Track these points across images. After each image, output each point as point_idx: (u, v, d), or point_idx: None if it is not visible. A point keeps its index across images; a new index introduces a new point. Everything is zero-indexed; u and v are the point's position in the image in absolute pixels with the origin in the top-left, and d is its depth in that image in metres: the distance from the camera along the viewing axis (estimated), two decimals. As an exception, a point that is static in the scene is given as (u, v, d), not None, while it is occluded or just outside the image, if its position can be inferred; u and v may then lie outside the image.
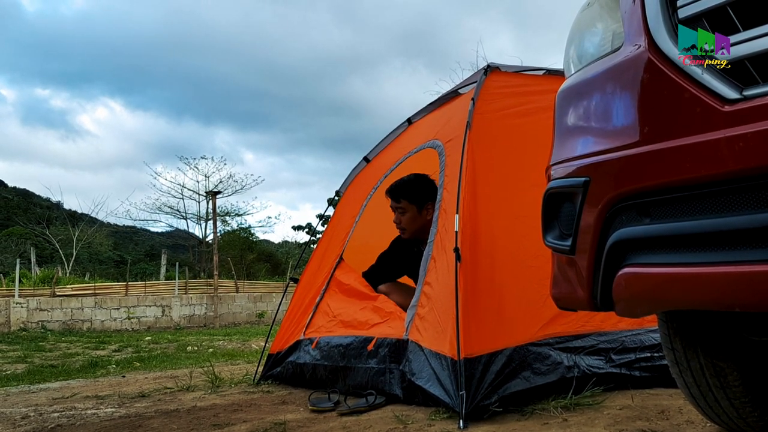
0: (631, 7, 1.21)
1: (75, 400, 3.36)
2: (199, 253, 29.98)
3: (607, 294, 1.22)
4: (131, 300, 15.53)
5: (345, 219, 3.62)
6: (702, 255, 1.01)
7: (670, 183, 1.05)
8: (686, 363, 1.54)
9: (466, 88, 3.30)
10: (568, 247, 1.32)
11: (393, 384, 2.55)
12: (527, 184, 2.48)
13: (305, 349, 3.20)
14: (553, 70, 3.18)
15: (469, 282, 2.35)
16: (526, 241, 2.42)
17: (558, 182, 1.38)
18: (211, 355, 6.63)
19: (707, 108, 1.00)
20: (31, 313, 14.42)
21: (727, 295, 0.97)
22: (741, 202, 0.95)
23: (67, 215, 33.55)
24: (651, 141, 1.09)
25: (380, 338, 2.72)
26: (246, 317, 16.63)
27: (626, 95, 1.18)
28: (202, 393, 3.29)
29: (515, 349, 2.28)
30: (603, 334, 2.45)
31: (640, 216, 1.14)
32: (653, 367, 2.44)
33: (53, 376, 5.42)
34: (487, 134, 2.75)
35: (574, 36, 1.46)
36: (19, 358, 7.71)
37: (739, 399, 1.52)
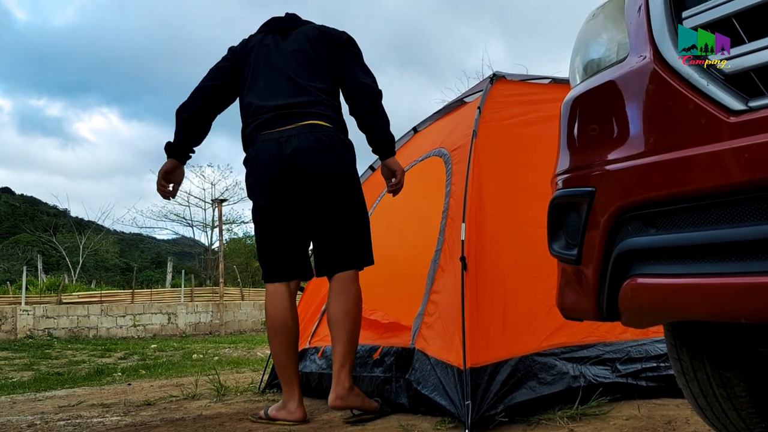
0: (636, 18, 1.22)
1: (81, 408, 3.37)
2: (204, 261, 30.05)
3: (613, 304, 1.22)
4: (137, 307, 15.57)
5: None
6: (708, 266, 1.01)
7: (676, 194, 1.05)
8: (693, 373, 1.54)
9: (471, 97, 3.31)
10: (574, 256, 1.31)
11: (399, 393, 2.55)
12: (533, 193, 2.48)
13: (311, 358, 3.20)
14: (559, 79, 3.18)
15: (475, 291, 2.35)
16: (532, 250, 2.42)
17: (563, 192, 1.38)
18: (216, 363, 6.63)
19: (713, 119, 1.00)
20: (37, 321, 14.47)
21: (733, 306, 0.97)
22: (747, 214, 0.95)
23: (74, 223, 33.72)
24: (656, 151, 1.09)
25: (386, 347, 2.72)
26: (251, 325, 16.64)
27: (632, 106, 1.18)
28: (207, 401, 3.29)
29: (521, 359, 2.27)
30: (608, 344, 2.44)
31: (645, 226, 1.14)
32: (660, 377, 2.42)
33: (59, 383, 5.43)
34: (494, 143, 2.75)
35: (579, 46, 1.47)
36: (25, 366, 7.73)
37: (746, 410, 1.51)
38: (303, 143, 2.53)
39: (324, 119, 2.59)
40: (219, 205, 19.52)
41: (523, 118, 2.93)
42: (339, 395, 2.43)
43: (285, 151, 2.53)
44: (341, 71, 2.70)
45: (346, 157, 2.61)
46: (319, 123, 2.57)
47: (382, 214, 3.55)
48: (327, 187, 2.54)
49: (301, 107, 2.59)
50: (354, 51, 2.74)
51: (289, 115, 2.58)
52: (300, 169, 2.52)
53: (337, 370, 2.46)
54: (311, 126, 2.56)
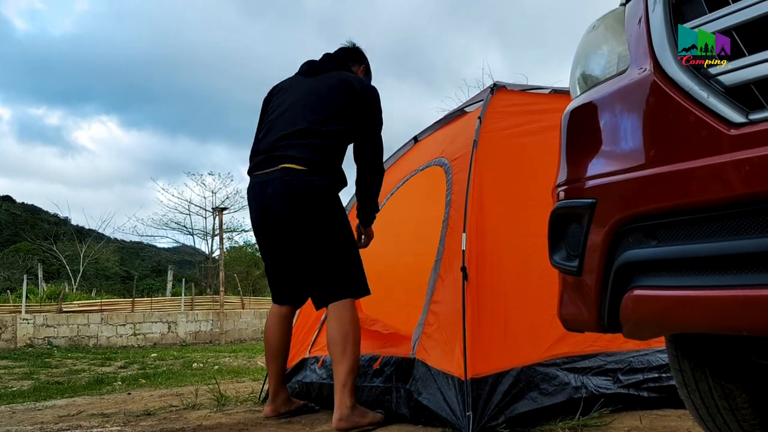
0: (637, 30, 1.22)
1: (80, 418, 3.36)
2: (205, 269, 30.01)
3: (615, 316, 1.22)
4: (137, 316, 15.54)
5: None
6: (709, 278, 1.01)
7: (677, 206, 1.05)
8: (694, 384, 1.53)
9: (472, 107, 3.32)
10: (575, 268, 1.31)
11: (399, 403, 2.54)
12: (533, 203, 2.48)
13: (311, 367, 3.19)
14: (560, 89, 3.19)
15: (476, 301, 2.35)
16: (533, 260, 2.42)
17: (564, 203, 1.38)
18: (216, 372, 6.62)
19: (713, 131, 1.00)
20: (37, 329, 14.45)
21: (735, 319, 0.96)
22: (747, 226, 0.95)
23: (75, 231, 33.69)
24: (657, 163, 1.10)
25: (386, 356, 2.72)
26: (252, 334, 16.60)
27: (632, 118, 1.19)
28: (207, 411, 3.28)
29: (522, 370, 2.27)
30: (610, 354, 2.44)
31: (646, 238, 1.14)
32: (661, 388, 2.42)
33: (59, 392, 5.42)
34: (494, 153, 2.76)
35: (579, 58, 1.47)
36: (25, 375, 7.71)
37: (748, 421, 1.50)
38: (274, 189, 2.65)
39: (298, 162, 2.64)
40: (220, 214, 19.51)
41: (524, 128, 2.93)
42: (342, 416, 2.46)
43: (263, 197, 2.70)
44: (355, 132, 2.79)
45: (315, 198, 2.63)
46: (291, 167, 2.63)
47: (381, 224, 3.54)
48: (295, 232, 2.65)
49: (281, 149, 2.69)
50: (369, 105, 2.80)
51: (271, 158, 2.70)
52: (274, 214, 2.67)
53: (340, 391, 2.50)
54: (284, 170, 2.64)
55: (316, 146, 2.68)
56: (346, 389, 2.49)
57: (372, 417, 2.50)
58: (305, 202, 2.61)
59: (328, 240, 2.63)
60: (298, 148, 2.67)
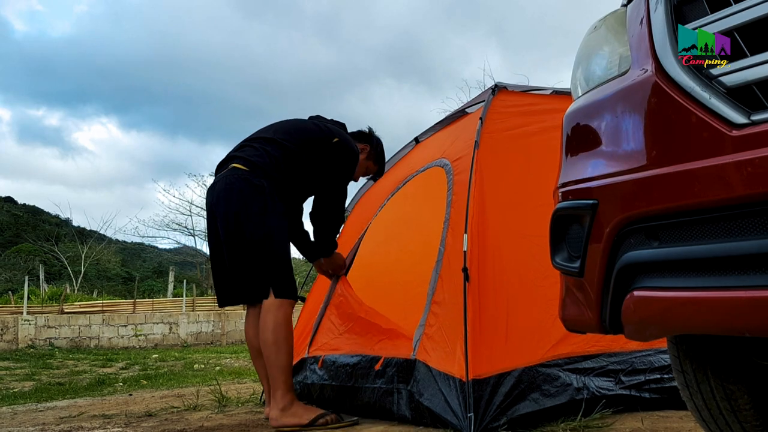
0: (639, 31, 1.22)
1: (82, 420, 3.36)
2: (206, 270, 29.96)
3: (616, 317, 1.22)
4: (139, 317, 15.55)
5: (351, 237, 3.63)
6: (711, 279, 1.01)
7: (678, 207, 1.05)
8: (696, 386, 1.53)
9: (473, 108, 3.32)
10: (577, 269, 1.31)
11: (401, 405, 2.53)
12: (535, 204, 2.47)
13: (311, 368, 3.19)
14: (561, 90, 3.18)
15: (477, 301, 2.35)
16: (535, 261, 2.42)
17: (566, 204, 1.37)
18: (218, 374, 6.62)
19: (715, 132, 1.00)
20: (39, 330, 14.46)
21: (737, 320, 0.96)
22: (750, 227, 0.95)
23: (76, 232, 33.72)
24: (659, 165, 1.09)
25: (388, 357, 2.71)
26: (253, 335, 16.56)
27: (634, 119, 1.18)
28: (209, 412, 3.28)
29: (524, 371, 2.26)
30: (612, 354, 2.43)
31: (648, 239, 1.14)
32: (663, 389, 2.41)
33: (60, 394, 5.42)
34: (495, 154, 2.75)
35: (581, 58, 1.47)
36: (26, 376, 7.72)
37: (750, 422, 1.50)
38: (219, 187, 2.80)
39: (243, 162, 2.81)
40: (221, 215, 19.49)
41: (525, 128, 2.93)
42: (272, 416, 2.66)
43: (211, 196, 2.84)
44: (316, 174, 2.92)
45: (249, 197, 2.74)
46: (237, 167, 2.80)
47: (382, 225, 3.55)
48: (227, 227, 2.74)
49: (239, 151, 2.88)
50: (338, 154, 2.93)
51: (228, 159, 2.90)
52: (216, 211, 2.80)
53: (272, 393, 2.70)
54: (231, 170, 2.81)
55: (267, 152, 2.84)
56: (277, 393, 2.67)
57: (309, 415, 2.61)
58: (237, 192, 2.74)
59: (253, 242, 2.72)
60: (250, 150, 2.86)
